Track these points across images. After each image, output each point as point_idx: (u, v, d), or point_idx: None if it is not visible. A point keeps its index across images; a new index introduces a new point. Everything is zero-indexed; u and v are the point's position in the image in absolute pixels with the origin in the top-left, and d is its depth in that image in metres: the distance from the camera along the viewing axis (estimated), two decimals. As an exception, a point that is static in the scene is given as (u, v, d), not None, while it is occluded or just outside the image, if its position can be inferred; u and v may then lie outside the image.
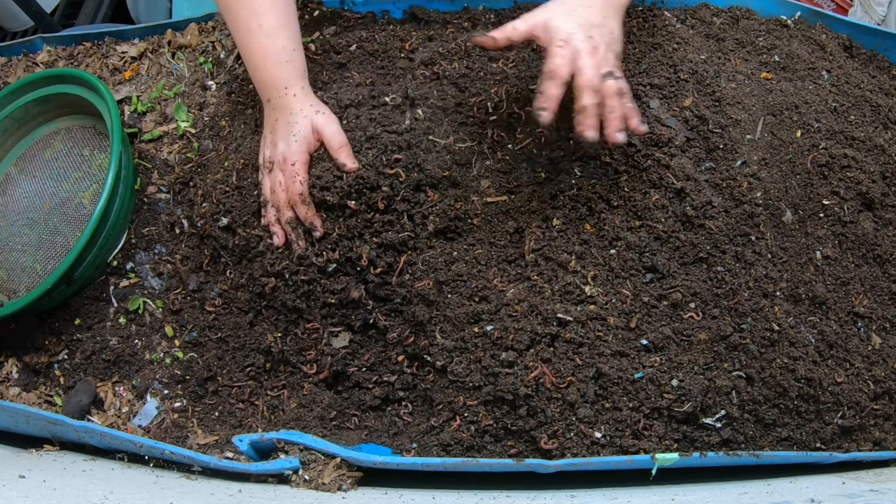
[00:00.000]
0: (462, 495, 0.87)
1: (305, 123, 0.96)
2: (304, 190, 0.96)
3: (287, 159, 0.96)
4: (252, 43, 0.98)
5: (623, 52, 1.08)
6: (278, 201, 0.98)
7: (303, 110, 0.97)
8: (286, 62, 0.98)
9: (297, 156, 0.96)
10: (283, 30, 0.98)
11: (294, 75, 0.98)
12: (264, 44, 0.97)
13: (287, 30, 0.98)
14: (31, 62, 1.33)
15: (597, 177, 0.97)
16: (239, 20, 0.98)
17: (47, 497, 0.74)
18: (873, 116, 1.09)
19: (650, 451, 0.87)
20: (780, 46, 1.14)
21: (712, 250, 0.93)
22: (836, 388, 0.92)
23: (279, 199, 0.97)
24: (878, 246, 1.00)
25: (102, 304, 1.10)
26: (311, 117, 0.97)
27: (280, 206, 0.98)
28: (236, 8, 0.98)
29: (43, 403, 1.06)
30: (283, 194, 0.97)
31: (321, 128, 0.96)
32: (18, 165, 1.22)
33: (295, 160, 0.96)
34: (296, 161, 0.96)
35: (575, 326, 0.89)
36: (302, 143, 0.96)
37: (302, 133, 0.96)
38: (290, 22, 0.99)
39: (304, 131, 0.96)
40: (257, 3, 0.97)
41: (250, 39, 0.98)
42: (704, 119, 0.99)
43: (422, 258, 0.95)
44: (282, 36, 0.98)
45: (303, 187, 0.96)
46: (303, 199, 0.96)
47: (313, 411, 0.99)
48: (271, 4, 0.97)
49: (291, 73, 0.98)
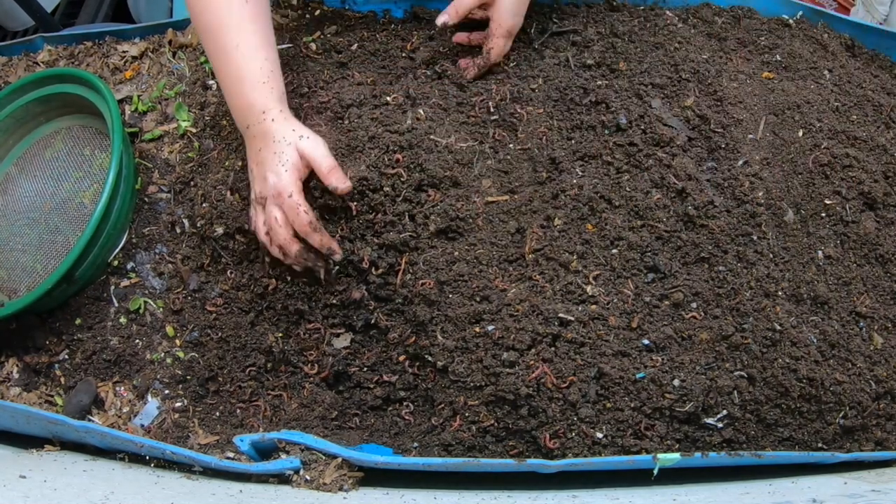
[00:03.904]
0: (463, 495, 0.87)
1: (291, 151, 0.92)
2: (311, 218, 0.92)
3: (282, 192, 0.91)
4: (229, 65, 0.95)
5: (624, 51, 1.09)
6: (280, 238, 0.93)
7: (286, 137, 0.92)
8: (263, 84, 0.94)
9: (292, 186, 0.91)
10: (261, 50, 0.95)
11: (272, 98, 0.94)
12: (241, 65, 0.94)
13: (265, 50, 0.95)
14: (32, 62, 1.33)
15: (598, 176, 0.97)
16: (216, 41, 0.95)
17: (48, 497, 0.74)
18: (875, 116, 1.09)
19: (652, 451, 0.87)
20: (782, 46, 1.14)
21: (714, 250, 0.93)
22: (837, 387, 0.92)
23: (280, 235, 0.93)
24: (880, 246, 1.00)
25: (103, 303, 1.10)
26: (295, 143, 0.92)
27: (284, 242, 0.93)
28: (213, 28, 0.95)
29: (44, 403, 1.06)
30: (283, 230, 0.92)
31: (309, 153, 0.92)
32: (19, 165, 1.22)
33: (290, 191, 0.91)
34: (292, 192, 0.91)
35: (576, 326, 0.89)
36: (293, 173, 0.92)
37: (291, 161, 0.91)
38: (268, 42, 0.97)
39: (293, 159, 0.91)
40: (234, 22, 0.94)
41: (227, 61, 0.95)
42: (706, 119, 0.99)
43: (423, 258, 0.94)
44: (259, 57, 0.94)
45: (309, 216, 0.91)
46: (313, 227, 0.92)
47: (314, 411, 0.99)
48: (249, 24, 0.94)
49: (269, 96, 0.94)
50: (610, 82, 1.05)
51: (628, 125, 0.99)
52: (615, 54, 1.08)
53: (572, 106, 1.03)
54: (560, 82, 1.05)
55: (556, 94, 1.04)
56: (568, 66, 1.08)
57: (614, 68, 1.06)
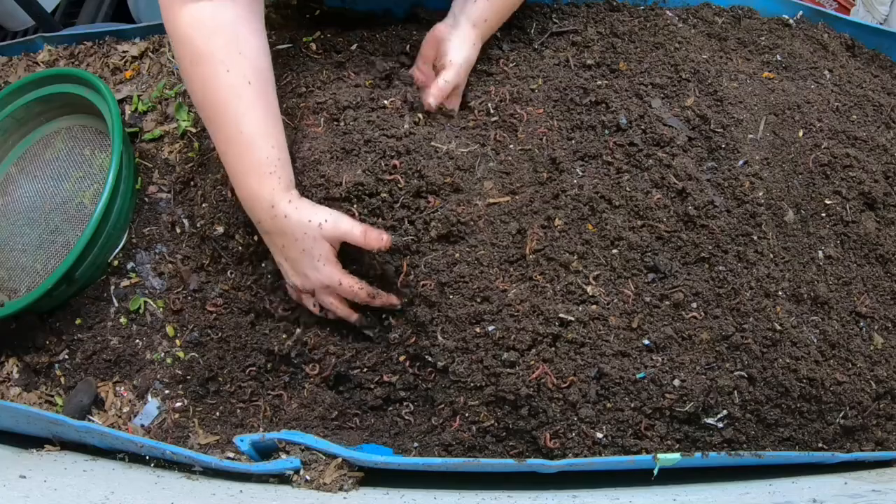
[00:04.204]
0: (463, 495, 0.87)
1: (320, 244, 0.90)
2: (368, 290, 0.93)
3: (331, 284, 0.92)
4: (230, 152, 0.90)
5: (625, 51, 1.09)
6: (340, 314, 0.96)
7: (307, 233, 0.89)
8: (270, 174, 0.88)
9: (338, 275, 0.92)
10: (268, 137, 0.89)
11: (279, 189, 0.89)
12: (245, 154, 0.89)
13: (271, 136, 0.89)
14: (32, 62, 1.33)
15: (598, 176, 0.97)
16: (218, 125, 0.89)
17: (48, 497, 0.74)
18: (875, 116, 1.09)
19: (652, 451, 0.87)
20: (782, 46, 1.14)
21: (714, 250, 0.93)
22: (838, 388, 0.92)
23: (341, 312, 0.96)
24: (881, 246, 1.00)
25: (103, 303, 1.10)
26: (318, 235, 0.89)
27: (344, 315, 0.96)
28: (213, 108, 0.89)
29: (44, 403, 1.06)
30: (342, 307, 0.95)
31: (336, 237, 0.90)
32: (19, 165, 1.22)
33: (338, 280, 0.92)
34: (340, 280, 0.92)
35: (577, 326, 0.89)
36: (329, 263, 0.91)
37: (324, 255, 0.90)
38: (274, 124, 0.90)
39: (325, 252, 0.90)
40: (234, 104, 0.87)
41: (229, 148, 0.89)
42: (706, 119, 0.99)
43: (424, 261, 0.94)
44: (266, 145, 0.88)
45: (365, 290, 0.92)
46: (372, 296, 0.93)
47: (314, 411, 0.99)
48: (253, 105, 0.88)
49: (276, 188, 0.89)
50: (610, 82, 1.05)
51: (628, 125, 0.99)
52: (615, 54, 1.08)
53: (572, 106, 1.03)
54: (560, 82, 1.05)
55: (557, 95, 1.04)
56: (568, 66, 1.08)
57: (614, 68, 1.06)
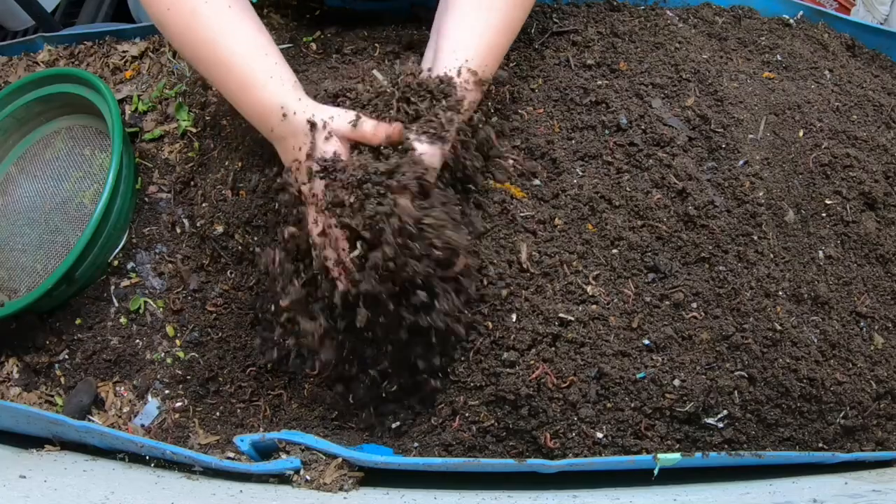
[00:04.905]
0: (464, 495, 0.87)
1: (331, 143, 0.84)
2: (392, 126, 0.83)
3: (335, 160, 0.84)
4: (231, 75, 0.88)
5: (625, 51, 1.09)
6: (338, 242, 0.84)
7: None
8: (271, 79, 0.86)
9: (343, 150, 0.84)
10: (262, 48, 0.88)
11: (284, 90, 0.86)
12: (244, 71, 0.87)
13: (264, 48, 0.88)
14: (32, 61, 1.33)
15: (598, 176, 0.97)
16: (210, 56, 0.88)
17: (48, 497, 0.74)
18: (876, 116, 1.09)
19: (652, 451, 0.87)
20: (783, 46, 1.14)
21: (714, 250, 0.93)
22: (838, 388, 0.92)
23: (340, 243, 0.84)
24: (881, 246, 1.00)
25: (103, 303, 1.10)
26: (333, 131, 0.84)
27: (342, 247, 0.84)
28: (202, 44, 0.88)
29: (44, 403, 1.06)
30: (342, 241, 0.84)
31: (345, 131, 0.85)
32: (19, 165, 1.22)
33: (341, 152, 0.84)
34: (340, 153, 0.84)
35: (577, 326, 0.89)
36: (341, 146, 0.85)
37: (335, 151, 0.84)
38: (263, 39, 0.89)
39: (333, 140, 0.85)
40: (223, 31, 0.87)
41: (228, 72, 0.88)
42: (706, 118, 0.99)
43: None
44: (259, 55, 0.87)
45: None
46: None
47: (315, 411, 0.99)
48: (239, 25, 0.88)
49: (280, 91, 0.86)
50: (610, 82, 1.05)
51: (628, 125, 0.99)
52: (615, 54, 1.08)
53: (572, 106, 1.03)
54: (560, 82, 1.05)
55: (557, 94, 1.04)
56: (568, 66, 1.08)
57: (615, 68, 1.06)
